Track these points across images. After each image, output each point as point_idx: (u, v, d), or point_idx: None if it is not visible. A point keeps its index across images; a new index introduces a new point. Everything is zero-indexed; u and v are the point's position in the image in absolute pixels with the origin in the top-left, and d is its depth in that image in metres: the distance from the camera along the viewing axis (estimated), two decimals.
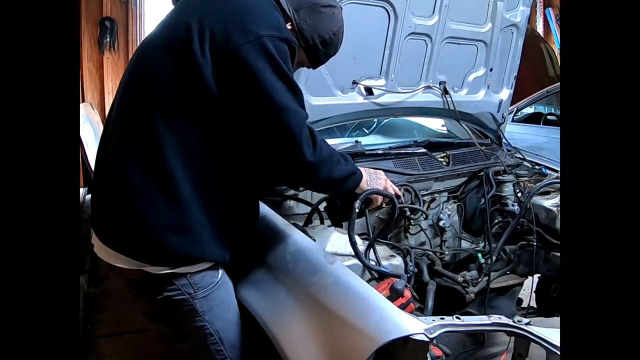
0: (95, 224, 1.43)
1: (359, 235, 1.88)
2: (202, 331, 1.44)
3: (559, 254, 2.15)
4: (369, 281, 1.58)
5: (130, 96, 1.39)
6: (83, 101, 5.18)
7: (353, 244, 1.61)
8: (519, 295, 2.40)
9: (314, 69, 1.63)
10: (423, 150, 2.35)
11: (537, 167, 2.64)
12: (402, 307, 1.41)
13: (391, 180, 2.05)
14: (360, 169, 1.57)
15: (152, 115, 1.31)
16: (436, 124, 3.07)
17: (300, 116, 1.31)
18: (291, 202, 1.97)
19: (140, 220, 1.32)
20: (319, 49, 1.48)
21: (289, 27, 1.43)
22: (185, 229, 1.34)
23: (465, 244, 2.35)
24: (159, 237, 1.31)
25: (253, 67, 1.25)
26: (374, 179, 1.62)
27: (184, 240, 1.33)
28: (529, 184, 2.41)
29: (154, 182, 1.31)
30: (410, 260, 1.84)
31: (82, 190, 2.76)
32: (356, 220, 1.62)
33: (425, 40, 2.28)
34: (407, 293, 1.49)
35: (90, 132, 4.40)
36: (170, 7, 1.47)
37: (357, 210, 1.64)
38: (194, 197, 1.33)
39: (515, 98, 2.98)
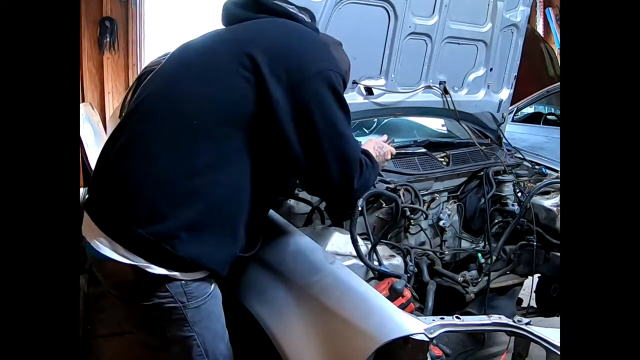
0: (92, 201, 1.41)
1: (359, 235, 1.88)
2: (189, 341, 1.42)
3: (559, 254, 2.15)
4: (369, 281, 1.58)
5: (176, 93, 1.41)
6: (83, 101, 5.19)
7: (354, 241, 1.61)
8: (519, 295, 2.40)
9: None
10: (423, 150, 2.35)
11: (537, 167, 2.64)
12: (402, 307, 1.41)
13: (391, 180, 2.07)
14: (366, 147, 1.71)
15: (202, 116, 1.35)
16: (436, 124, 3.07)
17: (357, 147, 1.45)
18: (291, 202, 1.97)
19: (156, 213, 1.31)
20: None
21: None
22: (198, 229, 1.33)
23: (465, 244, 2.34)
24: (171, 231, 1.30)
25: (320, 96, 1.35)
26: (380, 153, 1.79)
27: (193, 240, 1.32)
28: (529, 184, 2.41)
29: (182, 177, 1.32)
30: (410, 260, 1.84)
31: (82, 190, 2.76)
32: (357, 221, 1.63)
33: (425, 40, 2.28)
34: (407, 293, 1.49)
35: (90, 132, 4.40)
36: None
37: (360, 209, 1.64)
38: (217, 202, 1.34)
39: (515, 98, 2.98)
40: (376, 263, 1.67)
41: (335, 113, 1.37)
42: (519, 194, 2.32)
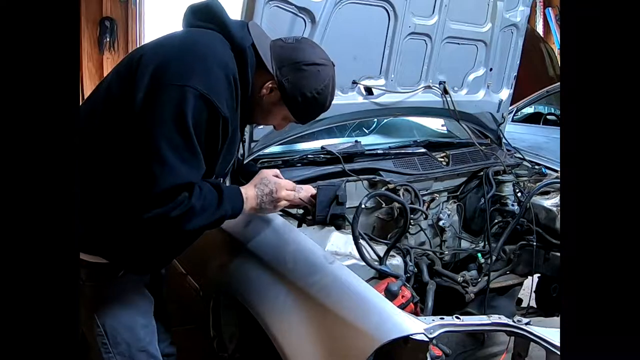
0: None
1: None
2: (90, 320, 1.47)
3: (559, 254, 2.15)
4: (369, 281, 1.58)
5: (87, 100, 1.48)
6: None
7: (355, 238, 1.62)
8: (519, 295, 2.40)
9: (302, 124, 1.60)
10: (423, 150, 2.35)
11: (536, 167, 2.64)
12: (402, 307, 1.41)
13: (391, 180, 2.06)
14: (249, 190, 1.51)
15: (95, 116, 1.38)
16: (436, 124, 3.07)
17: (177, 177, 1.27)
18: None
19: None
20: (304, 106, 1.45)
21: (270, 84, 1.43)
22: (88, 216, 1.35)
23: (465, 244, 2.35)
24: None
25: (161, 107, 1.26)
26: (267, 201, 1.53)
27: (85, 217, 1.34)
28: (528, 184, 2.41)
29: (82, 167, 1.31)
30: (410, 260, 1.84)
31: None
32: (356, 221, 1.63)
33: (425, 40, 2.28)
34: (407, 293, 1.49)
35: None
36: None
37: (362, 207, 1.64)
38: (102, 196, 1.37)
39: (515, 98, 2.98)
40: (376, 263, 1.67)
41: (165, 133, 1.26)
42: (519, 194, 2.32)
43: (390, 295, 1.43)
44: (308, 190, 1.76)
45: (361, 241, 1.65)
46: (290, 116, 1.49)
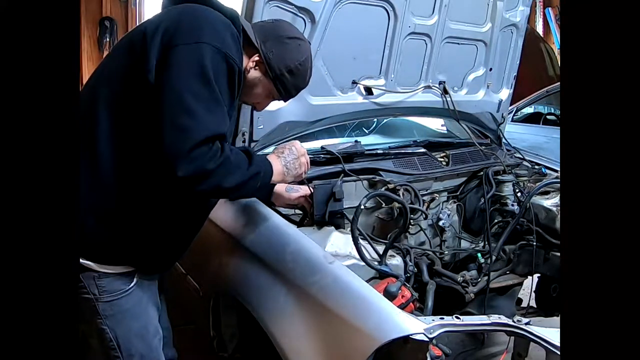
0: None
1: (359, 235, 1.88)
2: (103, 334, 1.44)
3: (558, 254, 2.15)
4: (369, 281, 1.58)
5: (86, 92, 1.43)
6: None
7: (355, 239, 1.62)
8: (519, 295, 2.40)
9: (284, 101, 1.62)
10: (423, 150, 2.35)
11: (536, 167, 2.64)
12: (402, 307, 1.41)
13: (390, 180, 2.06)
14: (273, 159, 1.54)
15: (97, 102, 1.35)
16: (436, 124, 3.07)
17: (207, 126, 1.25)
18: None
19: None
20: (287, 78, 1.49)
21: (256, 57, 1.46)
22: (104, 212, 1.33)
23: (464, 244, 2.35)
24: (80, 216, 1.29)
25: (181, 64, 1.26)
26: (291, 168, 1.57)
27: (102, 226, 1.33)
28: (528, 184, 2.41)
29: (84, 159, 1.30)
30: (410, 260, 1.84)
31: None
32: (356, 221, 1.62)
33: (425, 40, 2.28)
34: (407, 293, 1.49)
35: None
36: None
37: (362, 208, 1.63)
38: (118, 186, 1.33)
39: (515, 98, 2.98)
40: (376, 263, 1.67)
41: (188, 86, 1.25)
42: (519, 194, 2.32)
43: (390, 296, 1.44)
44: (304, 191, 1.77)
45: (361, 241, 1.65)
46: (274, 91, 1.52)
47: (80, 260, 1.33)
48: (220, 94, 1.29)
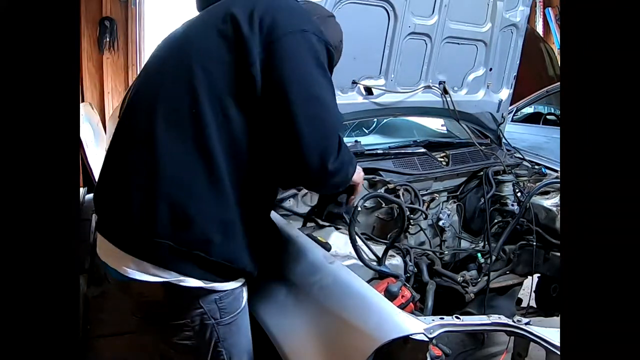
0: (105, 223, 1.30)
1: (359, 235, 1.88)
2: (218, 357, 1.36)
3: (558, 254, 2.15)
4: (369, 281, 1.58)
5: (169, 73, 1.29)
6: (83, 101, 5.19)
7: (353, 241, 1.61)
8: (519, 295, 2.40)
9: None
10: (423, 150, 2.35)
11: (536, 167, 2.64)
12: (402, 307, 1.41)
13: (390, 180, 2.07)
14: None
15: (197, 95, 1.21)
16: (436, 124, 3.07)
17: (337, 116, 1.25)
18: (291, 201, 1.97)
19: (182, 216, 1.18)
20: (332, 56, 1.41)
21: None
22: (228, 226, 1.23)
23: (464, 244, 2.35)
24: (202, 234, 1.19)
25: (297, 55, 1.21)
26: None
27: (227, 240, 1.22)
28: (528, 184, 2.41)
29: (200, 172, 1.19)
30: (410, 260, 1.84)
31: (81, 190, 2.76)
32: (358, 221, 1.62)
33: (425, 40, 2.28)
34: (407, 293, 1.49)
35: (90, 132, 4.40)
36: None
37: (359, 209, 1.63)
38: (236, 192, 1.23)
39: (515, 98, 2.98)
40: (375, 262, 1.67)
41: (312, 76, 1.21)
42: (519, 194, 2.32)
43: (390, 296, 1.43)
44: None
45: (359, 243, 1.65)
46: None
47: (204, 284, 1.24)
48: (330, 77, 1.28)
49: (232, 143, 1.22)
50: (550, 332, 1.26)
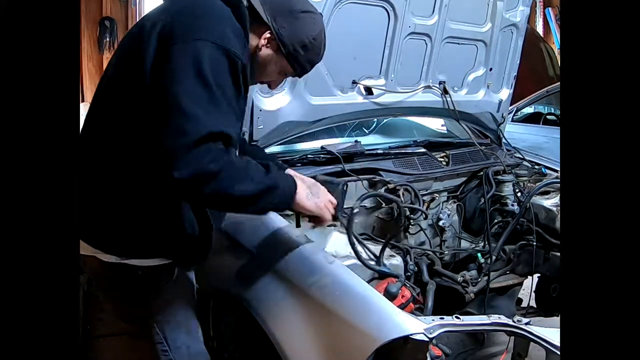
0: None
1: (359, 235, 1.88)
2: (149, 329, 1.47)
3: (558, 254, 2.15)
4: (369, 281, 1.58)
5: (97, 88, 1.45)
6: (83, 101, 5.19)
7: (352, 244, 1.62)
8: (519, 295, 2.40)
9: (299, 77, 1.57)
10: (423, 150, 2.35)
11: (536, 167, 2.64)
12: (402, 307, 1.41)
13: (390, 180, 2.07)
14: (297, 180, 1.44)
15: (106, 101, 1.38)
16: (436, 124, 3.07)
17: (206, 127, 1.20)
18: None
19: (89, 204, 1.35)
20: (300, 54, 1.43)
21: (268, 34, 1.40)
22: (131, 215, 1.36)
23: (464, 244, 2.35)
24: (105, 220, 1.36)
25: (175, 66, 1.22)
26: (315, 193, 1.49)
27: (130, 226, 1.36)
28: (528, 184, 2.41)
29: (105, 159, 1.35)
30: (410, 260, 1.84)
31: None
32: (357, 221, 1.62)
33: (425, 40, 2.28)
34: (407, 293, 1.49)
35: None
36: None
37: (355, 211, 1.63)
38: (136, 185, 1.34)
39: (515, 98, 2.98)
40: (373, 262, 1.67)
41: (185, 89, 1.20)
42: (519, 194, 2.32)
43: (390, 296, 1.43)
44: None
45: (357, 245, 1.65)
46: (288, 67, 1.47)
47: (121, 260, 1.38)
48: (224, 91, 1.25)
49: (123, 136, 1.33)
50: (550, 332, 1.26)
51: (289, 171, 1.57)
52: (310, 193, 1.46)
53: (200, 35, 1.24)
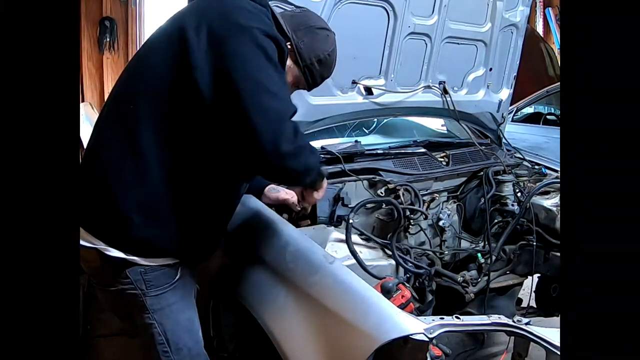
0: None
1: (359, 235, 1.89)
2: (151, 329, 1.46)
3: (558, 254, 2.15)
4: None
5: (124, 83, 1.46)
6: (83, 101, 5.19)
7: (353, 252, 1.62)
8: (519, 295, 2.40)
9: (309, 90, 1.65)
10: (423, 150, 2.35)
11: (536, 167, 2.64)
12: (402, 307, 1.41)
13: (390, 180, 2.07)
14: None
15: (137, 97, 1.36)
16: (436, 124, 3.07)
17: (288, 105, 1.33)
18: None
19: (108, 194, 1.34)
20: (316, 68, 1.53)
21: (288, 46, 1.47)
22: (149, 211, 1.35)
23: (464, 244, 2.35)
24: (123, 213, 1.33)
25: (243, 51, 1.28)
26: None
27: (146, 223, 1.35)
28: (528, 184, 2.41)
29: (128, 158, 1.34)
30: (410, 260, 1.84)
31: None
32: (357, 221, 1.62)
33: (424, 40, 2.28)
34: (407, 293, 1.49)
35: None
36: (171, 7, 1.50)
37: (356, 215, 1.63)
38: (165, 182, 1.35)
39: (515, 98, 2.98)
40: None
41: (260, 71, 1.29)
42: (519, 194, 2.32)
43: (387, 292, 1.43)
44: (285, 194, 1.78)
45: (360, 242, 1.65)
46: (302, 80, 1.55)
47: (126, 256, 1.37)
48: (283, 72, 1.36)
49: (168, 139, 1.34)
50: (550, 332, 1.26)
51: None
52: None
53: (251, 24, 1.31)
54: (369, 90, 2.21)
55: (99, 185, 1.35)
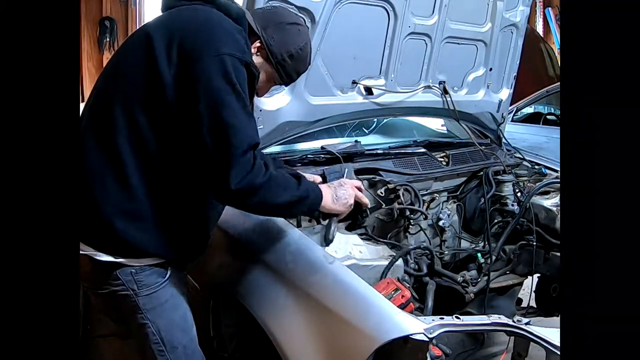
0: None
1: (359, 235, 1.88)
2: (145, 329, 1.47)
3: (558, 254, 2.15)
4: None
5: (99, 89, 1.49)
6: (83, 101, 5.18)
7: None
8: (519, 295, 2.40)
9: (286, 85, 1.67)
10: (423, 150, 2.35)
11: (536, 167, 2.64)
12: (402, 307, 1.41)
13: (390, 180, 2.07)
14: (323, 187, 1.61)
15: (113, 104, 1.38)
16: (436, 124, 3.07)
17: (248, 137, 1.33)
18: None
19: (91, 201, 1.36)
20: (288, 63, 1.53)
21: (258, 44, 1.50)
22: (132, 215, 1.38)
23: (464, 244, 2.34)
24: (106, 219, 1.36)
25: (208, 78, 1.31)
26: (341, 196, 1.64)
27: (130, 226, 1.37)
28: (528, 184, 2.41)
29: (108, 165, 1.37)
30: (411, 259, 1.84)
31: None
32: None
33: (424, 40, 2.28)
34: (407, 293, 1.49)
35: None
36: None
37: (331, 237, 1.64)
38: (143, 186, 1.38)
39: (515, 98, 2.98)
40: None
41: (222, 100, 1.31)
42: (519, 194, 2.32)
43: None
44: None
45: (360, 242, 1.65)
46: (275, 76, 1.56)
47: (115, 259, 1.40)
48: (248, 101, 1.37)
49: (142, 145, 1.37)
50: (550, 332, 1.26)
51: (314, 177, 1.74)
52: (336, 195, 1.62)
53: (224, 49, 1.33)
54: (369, 90, 2.21)
55: (83, 192, 1.37)
